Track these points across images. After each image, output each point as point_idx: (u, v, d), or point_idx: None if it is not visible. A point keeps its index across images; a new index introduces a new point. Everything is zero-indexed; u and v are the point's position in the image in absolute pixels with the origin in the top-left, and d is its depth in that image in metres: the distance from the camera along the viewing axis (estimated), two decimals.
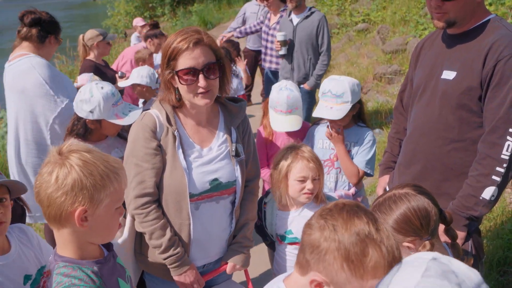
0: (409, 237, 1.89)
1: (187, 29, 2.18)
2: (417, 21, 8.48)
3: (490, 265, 3.52)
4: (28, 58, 3.51)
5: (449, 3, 2.23)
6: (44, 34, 3.58)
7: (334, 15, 11.39)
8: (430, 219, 1.88)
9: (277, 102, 3.29)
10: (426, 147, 2.44)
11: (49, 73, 3.48)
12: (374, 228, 1.25)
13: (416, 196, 1.91)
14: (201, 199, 2.28)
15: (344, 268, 1.25)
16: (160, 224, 2.23)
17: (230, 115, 2.38)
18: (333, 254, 1.26)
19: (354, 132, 3.15)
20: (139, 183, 2.21)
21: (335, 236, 1.26)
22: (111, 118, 2.86)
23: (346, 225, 1.26)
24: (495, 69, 2.17)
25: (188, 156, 2.26)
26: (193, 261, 2.37)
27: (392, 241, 1.26)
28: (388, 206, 1.92)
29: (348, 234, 1.25)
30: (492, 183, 2.18)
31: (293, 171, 2.55)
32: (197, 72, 2.13)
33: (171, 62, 2.15)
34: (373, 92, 7.62)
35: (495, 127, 2.18)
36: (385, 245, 1.24)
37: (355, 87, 3.04)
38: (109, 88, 2.88)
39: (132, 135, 2.27)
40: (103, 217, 1.58)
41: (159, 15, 20.66)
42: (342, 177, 3.17)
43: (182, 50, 2.11)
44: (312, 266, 1.33)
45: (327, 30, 5.60)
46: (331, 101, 3.03)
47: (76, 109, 2.89)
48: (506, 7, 7.12)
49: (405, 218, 1.87)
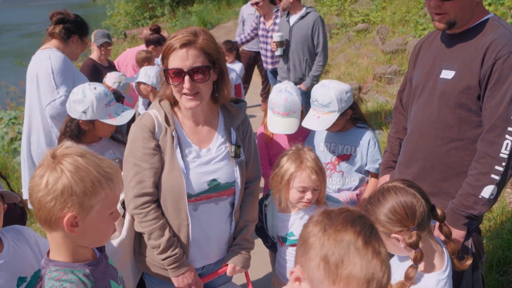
0: (396, 228, 1.92)
1: (186, 29, 2.18)
2: (416, 21, 8.49)
3: (490, 265, 3.52)
4: (49, 51, 3.69)
5: (448, 3, 2.23)
6: (67, 32, 3.76)
7: (334, 15, 11.39)
8: (416, 211, 1.91)
9: (275, 103, 3.27)
10: (426, 147, 2.45)
11: (60, 66, 3.61)
12: (362, 241, 1.24)
13: (404, 188, 1.95)
14: (199, 199, 2.28)
15: (320, 267, 1.25)
16: (159, 225, 2.23)
17: (230, 116, 2.38)
18: (314, 251, 1.27)
19: (353, 135, 3.14)
20: (138, 182, 2.21)
21: (322, 236, 1.27)
22: (104, 118, 2.85)
23: (336, 229, 1.27)
24: (493, 68, 2.17)
25: (186, 156, 2.25)
26: (192, 262, 2.36)
27: (379, 262, 1.24)
28: (377, 199, 1.97)
29: (334, 238, 1.26)
30: (491, 182, 2.19)
31: (296, 180, 2.55)
32: (183, 73, 2.12)
33: (164, 59, 2.18)
34: (373, 92, 7.62)
35: (494, 125, 2.18)
36: (367, 260, 1.22)
37: (343, 95, 3.00)
38: (101, 88, 2.87)
39: (131, 135, 2.27)
40: (95, 222, 1.58)
41: (159, 15, 20.65)
42: (345, 180, 3.16)
43: (172, 50, 2.13)
44: (297, 258, 1.35)
45: (322, 30, 5.50)
46: (319, 110, 3.04)
47: (69, 110, 2.88)
48: (505, 7, 7.12)
49: (391, 209, 1.92)
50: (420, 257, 1.91)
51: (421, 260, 1.91)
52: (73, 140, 2.90)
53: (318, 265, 1.26)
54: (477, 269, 2.40)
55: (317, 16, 5.52)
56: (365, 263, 1.21)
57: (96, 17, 24.95)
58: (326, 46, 5.60)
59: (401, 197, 1.93)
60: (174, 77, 2.14)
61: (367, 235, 1.25)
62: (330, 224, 1.29)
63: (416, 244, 1.89)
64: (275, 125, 3.29)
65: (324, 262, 1.24)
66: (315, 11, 5.64)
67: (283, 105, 3.24)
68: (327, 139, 3.21)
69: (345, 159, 3.15)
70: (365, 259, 1.22)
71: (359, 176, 3.17)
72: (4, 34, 21.34)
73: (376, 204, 1.97)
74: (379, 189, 2.02)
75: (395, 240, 1.95)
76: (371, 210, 1.97)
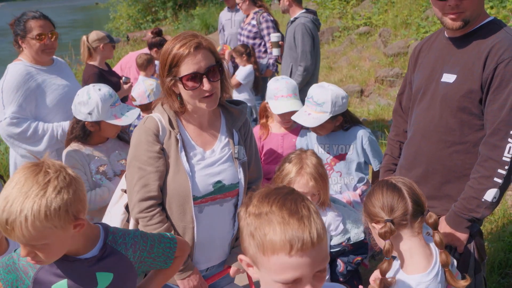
0: (377, 218, 1.99)
1: (184, 34, 2.18)
2: (418, 24, 8.51)
3: (491, 267, 3.53)
4: (13, 64, 3.39)
5: (466, 1, 2.22)
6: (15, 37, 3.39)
7: (336, 18, 11.42)
8: (395, 206, 1.96)
9: (277, 88, 3.35)
10: (428, 150, 2.45)
11: (12, 83, 3.26)
12: (276, 207, 1.27)
13: (394, 185, 2.02)
14: (204, 201, 2.29)
15: (251, 244, 1.30)
16: (164, 228, 2.24)
17: (231, 118, 2.40)
18: (244, 232, 1.33)
19: (344, 133, 3.17)
20: (142, 186, 2.22)
21: (245, 216, 1.33)
22: (109, 119, 2.87)
23: (254, 205, 1.32)
24: (495, 72, 2.18)
25: (191, 159, 2.27)
26: (197, 264, 2.37)
27: (296, 221, 1.25)
28: (371, 190, 2.08)
29: (253, 213, 1.30)
30: (494, 185, 2.19)
31: (294, 186, 2.56)
32: (200, 76, 2.14)
33: (173, 69, 2.15)
34: (375, 95, 7.64)
35: (496, 129, 2.19)
36: (283, 223, 1.24)
37: (338, 99, 3.03)
38: (106, 89, 2.90)
39: (135, 139, 2.28)
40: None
41: (161, 18, 20.71)
42: (344, 179, 3.18)
43: (184, 56, 2.12)
44: (241, 246, 1.39)
45: (302, 38, 5.08)
46: (311, 108, 3.08)
47: (75, 112, 2.90)
48: (507, 10, 7.14)
49: (377, 198, 2.00)
50: (388, 249, 1.94)
51: (390, 252, 1.94)
52: (80, 141, 2.93)
53: (249, 244, 1.30)
54: (479, 272, 2.41)
55: (300, 23, 5.14)
56: (282, 226, 1.23)
57: (99, 20, 25.02)
58: (307, 55, 5.12)
59: (388, 191, 1.99)
60: (191, 82, 2.14)
61: (281, 201, 1.28)
62: (249, 203, 1.33)
63: (385, 235, 1.93)
64: (282, 106, 3.34)
65: (252, 238, 1.29)
66: (306, 16, 5.24)
67: (286, 87, 3.35)
68: (320, 141, 3.24)
69: (341, 159, 3.17)
70: (282, 223, 1.24)
71: (358, 175, 3.18)
72: (6, 37, 21.40)
73: (368, 194, 2.07)
74: (377, 181, 2.12)
75: (374, 229, 2.02)
76: (366, 201, 2.07)
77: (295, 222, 1.24)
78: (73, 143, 2.95)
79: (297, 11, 5.32)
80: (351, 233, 2.70)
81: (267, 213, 1.27)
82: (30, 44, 3.31)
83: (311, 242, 1.23)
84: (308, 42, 5.10)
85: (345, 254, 2.72)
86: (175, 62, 2.14)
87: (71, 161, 2.88)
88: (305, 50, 5.10)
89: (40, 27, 3.30)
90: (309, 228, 1.24)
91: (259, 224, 1.27)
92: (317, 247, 1.24)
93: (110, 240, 1.78)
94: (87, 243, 1.73)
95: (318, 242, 1.24)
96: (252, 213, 1.30)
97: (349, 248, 2.72)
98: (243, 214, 1.34)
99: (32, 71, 3.35)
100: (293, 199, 1.30)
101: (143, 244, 1.85)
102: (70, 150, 2.94)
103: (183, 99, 2.23)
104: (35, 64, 3.39)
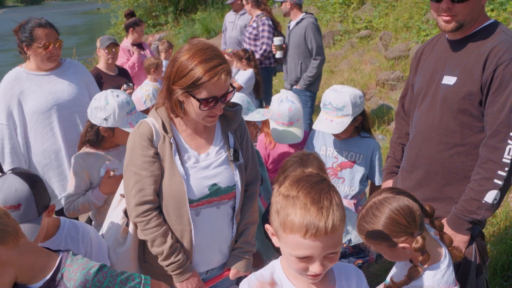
0: (401, 238, 1.95)
1: (206, 53, 2.10)
2: (419, 27, 8.51)
3: (494, 270, 3.52)
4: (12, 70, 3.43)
5: (459, 5, 2.23)
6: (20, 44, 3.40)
7: (337, 22, 11.42)
8: (414, 215, 1.95)
9: (279, 114, 3.27)
10: (428, 152, 2.46)
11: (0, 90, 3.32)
12: (302, 194, 1.43)
13: (395, 197, 1.98)
14: (201, 204, 2.29)
15: (275, 219, 1.49)
16: (161, 232, 2.24)
17: (226, 120, 2.39)
18: (273, 208, 1.51)
19: (359, 142, 3.15)
20: (138, 191, 2.23)
21: (276, 195, 1.51)
22: (124, 126, 2.86)
23: (285, 187, 1.49)
24: (494, 74, 2.19)
25: (186, 162, 2.27)
26: (196, 267, 2.38)
27: (315, 209, 1.41)
28: (372, 214, 1.99)
29: (283, 194, 1.48)
30: (494, 187, 2.20)
31: None
32: (217, 100, 2.14)
33: (190, 88, 2.11)
34: (376, 98, 7.64)
35: (496, 131, 2.19)
36: (305, 209, 1.41)
37: (357, 100, 3.00)
38: (124, 96, 2.89)
39: (130, 144, 2.28)
40: None
41: (163, 23, 20.75)
42: (344, 187, 3.17)
43: (211, 83, 2.08)
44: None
45: (314, 35, 5.73)
46: (332, 114, 3.01)
47: (90, 116, 2.90)
48: (508, 12, 7.14)
49: (391, 221, 1.94)
50: (428, 259, 1.95)
51: (428, 260, 1.95)
52: (92, 146, 2.94)
53: (274, 218, 1.50)
54: (481, 274, 2.40)
55: (309, 22, 5.75)
56: (303, 211, 1.40)
57: (100, 25, 25.09)
58: (321, 49, 5.81)
59: (397, 206, 1.95)
60: (207, 103, 2.13)
61: (308, 189, 1.44)
62: (283, 183, 1.51)
63: (424, 248, 1.93)
64: (281, 136, 3.30)
65: (277, 214, 1.48)
66: (310, 17, 5.87)
67: (288, 115, 3.25)
68: (330, 144, 3.21)
69: (348, 166, 3.15)
70: (303, 208, 1.41)
71: (359, 187, 3.18)
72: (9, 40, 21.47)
73: (373, 220, 1.98)
74: (371, 204, 2.03)
75: (401, 249, 1.96)
76: (369, 227, 1.99)
77: (315, 210, 1.40)
78: (85, 147, 2.96)
79: (298, 14, 5.87)
80: (352, 235, 2.69)
81: (294, 197, 1.45)
82: (36, 52, 3.32)
83: (325, 231, 1.39)
84: (320, 37, 5.81)
85: (345, 257, 2.71)
86: (198, 84, 2.09)
87: (76, 167, 2.90)
88: (319, 45, 5.75)
89: (46, 36, 3.31)
90: (326, 218, 1.40)
91: (285, 205, 1.45)
92: (330, 235, 1.40)
93: (63, 272, 1.70)
94: (34, 273, 1.67)
95: (332, 231, 1.40)
96: (282, 193, 1.48)
97: (350, 251, 2.71)
98: (275, 191, 1.53)
99: (22, 76, 3.35)
100: (319, 189, 1.45)
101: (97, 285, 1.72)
102: (78, 154, 2.96)
103: (184, 106, 2.22)
104: (34, 71, 3.39)
